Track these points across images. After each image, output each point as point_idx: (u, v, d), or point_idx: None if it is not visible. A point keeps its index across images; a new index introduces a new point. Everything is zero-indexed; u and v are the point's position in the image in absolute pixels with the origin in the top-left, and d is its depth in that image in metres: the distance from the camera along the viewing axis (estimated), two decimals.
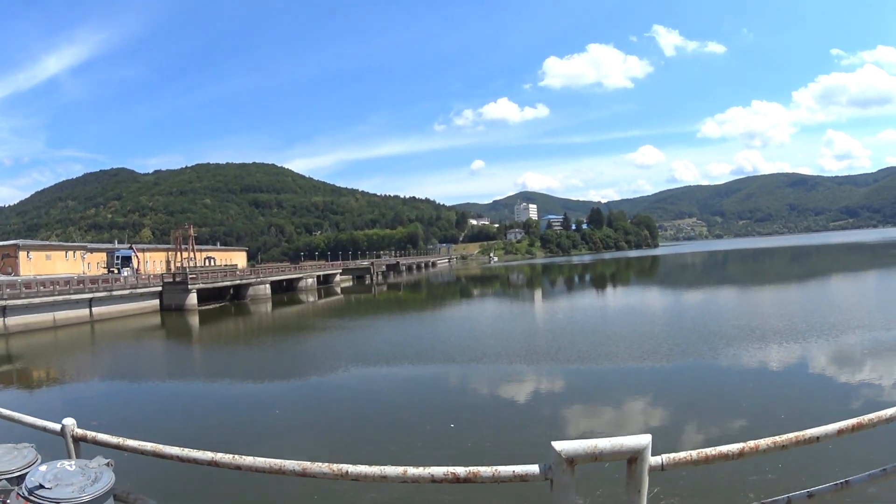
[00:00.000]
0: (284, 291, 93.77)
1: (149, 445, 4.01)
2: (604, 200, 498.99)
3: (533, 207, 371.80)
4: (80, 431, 4.54)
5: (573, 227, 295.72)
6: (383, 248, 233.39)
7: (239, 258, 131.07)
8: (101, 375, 34.46)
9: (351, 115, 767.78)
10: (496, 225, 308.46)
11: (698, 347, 32.90)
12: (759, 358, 29.73)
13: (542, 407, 24.61)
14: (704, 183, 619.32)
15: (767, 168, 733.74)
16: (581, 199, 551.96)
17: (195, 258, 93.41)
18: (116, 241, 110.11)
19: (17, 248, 77.98)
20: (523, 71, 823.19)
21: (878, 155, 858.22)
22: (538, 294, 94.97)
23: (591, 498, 12.05)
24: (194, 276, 71.01)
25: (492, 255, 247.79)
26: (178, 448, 3.83)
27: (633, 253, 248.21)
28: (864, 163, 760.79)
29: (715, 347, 32.58)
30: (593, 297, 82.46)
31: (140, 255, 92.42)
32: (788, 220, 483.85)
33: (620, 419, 22.10)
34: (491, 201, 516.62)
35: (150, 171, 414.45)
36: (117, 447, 4.17)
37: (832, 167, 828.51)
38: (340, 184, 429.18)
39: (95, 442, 4.41)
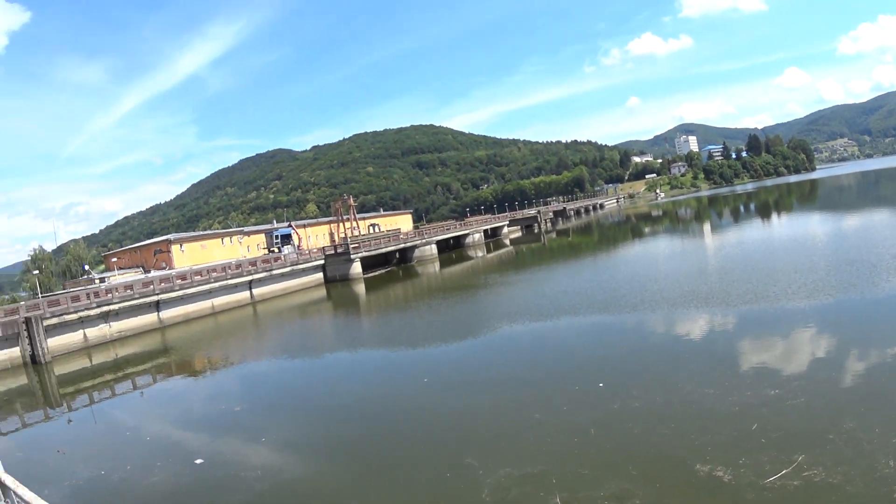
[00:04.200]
0: (452, 249, 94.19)
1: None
2: (759, 126, 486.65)
3: (693, 139, 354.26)
4: None
5: (733, 155, 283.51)
6: (551, 195, 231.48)
7: (404, 221, 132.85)
8: (257, 356, 35.72)
9: (502, 66, 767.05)
10: (659, 160, 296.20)
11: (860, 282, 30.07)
12: None
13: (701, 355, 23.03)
14: (850, 101, 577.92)
15: None
16: (737, 126, 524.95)
17: (358, 227, 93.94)
18: (275, 221, 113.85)
19: (170, 242, 79.23)
20: (661, 4, 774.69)
21: None
22: (706, 228, 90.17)
23: None
24: (356, 245, 70.94)
25: (658, 191, 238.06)
26: None
27: (794, 178, 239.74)
28: None
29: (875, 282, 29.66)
30: (759, 227, 77.54)
31: (301, 231, 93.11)
32: None
33: (790, 352, 21.29)
34: (651, 137, 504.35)
35: (308, 147, 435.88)
36: None
37: None
38: (501, 135, 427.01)
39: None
